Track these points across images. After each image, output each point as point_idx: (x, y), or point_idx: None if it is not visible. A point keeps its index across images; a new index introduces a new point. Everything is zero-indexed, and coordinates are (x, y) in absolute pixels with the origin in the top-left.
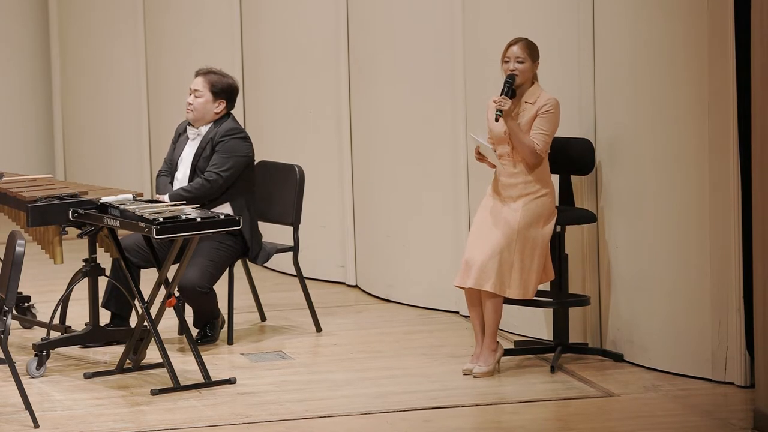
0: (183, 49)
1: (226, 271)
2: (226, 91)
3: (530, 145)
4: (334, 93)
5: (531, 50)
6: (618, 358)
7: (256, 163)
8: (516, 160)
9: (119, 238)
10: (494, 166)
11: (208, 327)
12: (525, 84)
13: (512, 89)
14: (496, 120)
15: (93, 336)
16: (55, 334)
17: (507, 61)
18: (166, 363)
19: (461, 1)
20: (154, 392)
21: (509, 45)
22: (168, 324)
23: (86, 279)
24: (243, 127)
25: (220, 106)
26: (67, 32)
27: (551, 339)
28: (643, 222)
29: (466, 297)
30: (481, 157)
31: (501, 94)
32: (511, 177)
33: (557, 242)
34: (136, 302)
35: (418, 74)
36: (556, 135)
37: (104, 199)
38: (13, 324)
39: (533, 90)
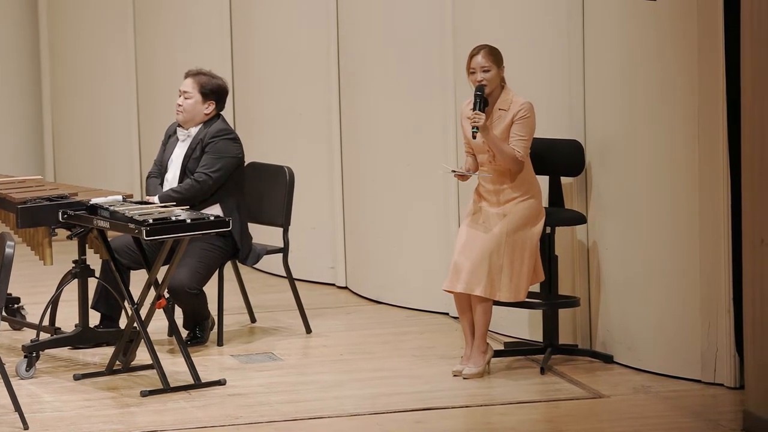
0: (173, 50)
1: (216, 273)
2: (215, 92)
3: (511, 153)
4: (324, 94)
5: (494, 56)
6: (608, 359)
7: (246, 164)
8: (497, 167)
9: (109, 239)
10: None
11: (198, 328)
12: (494, 91)
13: (484, 100)
14: (473, 137)
15: (83, 337)
16: (44, 336)
17: (473, 72)
18: (156, 364)
19: (451, 6)
20: (144, 394)
21: (472, 55)
22: (158, 325)
23: (76, 280)
24: (233, 128)
25: (210, 107)
26: (57, 34)
27: (541, 340)
28: (633, 223)
29: (456, 301)
30: (463, 177)
31: (474, 109)
32: (495, 183)
33: (547, 244)
34: (126, 303)
35: (408, 77)
36: (545, 136)
37: (94, 201)
38: (3, 325)
39: (504, 96)
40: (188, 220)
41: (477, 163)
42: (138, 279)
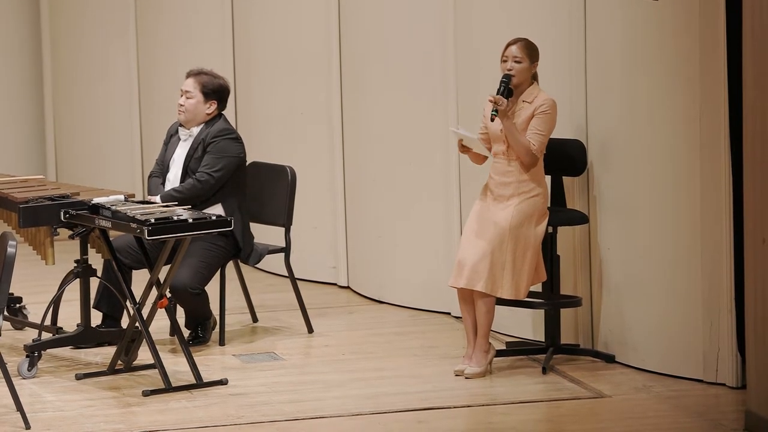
0: (175, 49)
1: (218, 272)
2: (217, 92)
3: (526, 144)
4: (326, 94)
5: (530, 50)
6: (609, 359)
7: (248, 164)
8: (511, 158)
9: (111, 239)
10: (479, 158)
11: (200, 328)
12: (524, 84)
13: (508, 89)
14: (492, 120)
15: (84, 337)
16: (46, 335)
17: (505, 61)
18: (158, 364)
19: (453, 3)
20: (146, 393)
21: (508, 44)
22: (159, 325)
23: (78, 280)
24: (234, 128)
25: (212, 107)
26: (59, 33)
27: (543, 340)
28: (635, 223)
29: (459, 296)
30: (465, 149)
31: (496, 94)
32: (505, 175)
33: (549, 243)
34: (128, 303)
35: (410, 75)
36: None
37: (96, 200)
38: (5, 325)
39: (532, 90)
40: (190, 220)
41: (485, 155)
42: (140, 279)
